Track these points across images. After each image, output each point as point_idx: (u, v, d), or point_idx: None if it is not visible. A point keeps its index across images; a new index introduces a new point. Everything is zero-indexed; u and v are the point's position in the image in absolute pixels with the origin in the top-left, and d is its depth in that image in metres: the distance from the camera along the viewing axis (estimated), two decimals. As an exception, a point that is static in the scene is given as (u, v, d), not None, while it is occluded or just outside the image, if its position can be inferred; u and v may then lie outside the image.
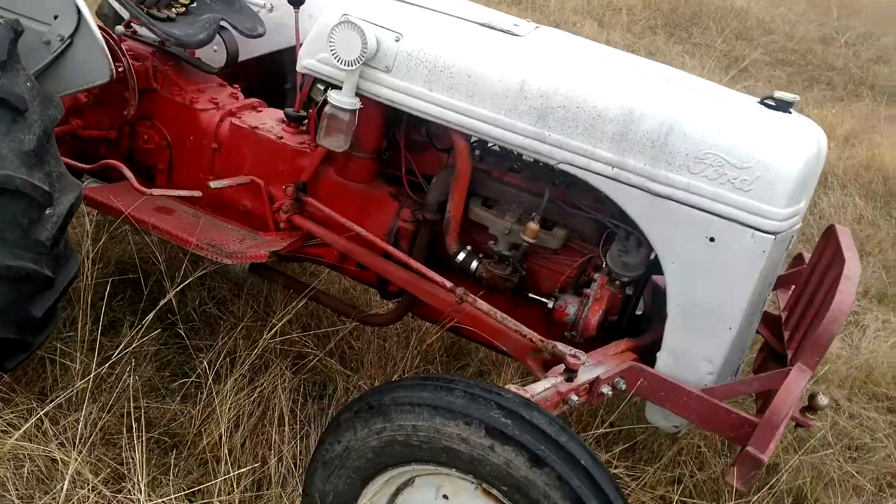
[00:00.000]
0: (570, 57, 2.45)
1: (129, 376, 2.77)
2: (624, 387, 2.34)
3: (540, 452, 1.82)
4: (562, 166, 2.36)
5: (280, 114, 3.14)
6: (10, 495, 2.33)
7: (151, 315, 2.71)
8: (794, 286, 2.83)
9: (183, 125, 3.03)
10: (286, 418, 2.70)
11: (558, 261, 2.61)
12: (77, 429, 2.50)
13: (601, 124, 2.29)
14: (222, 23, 3.05)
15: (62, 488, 2.26)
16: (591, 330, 2.48)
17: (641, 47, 8.85)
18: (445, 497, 2.04)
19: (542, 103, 2.33)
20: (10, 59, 2.28)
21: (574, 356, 2.20)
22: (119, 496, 2.36)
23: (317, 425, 2.76)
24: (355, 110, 2.49)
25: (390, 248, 2.63)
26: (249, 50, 3.30)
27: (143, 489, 2.27)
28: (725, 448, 3.09)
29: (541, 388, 2.12)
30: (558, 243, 2.56)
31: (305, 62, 2.57)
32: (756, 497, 2.73)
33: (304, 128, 2.98)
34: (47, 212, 2.32)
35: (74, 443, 2.46)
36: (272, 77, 3.59)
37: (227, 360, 2.87)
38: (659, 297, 2.57)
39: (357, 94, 2.50)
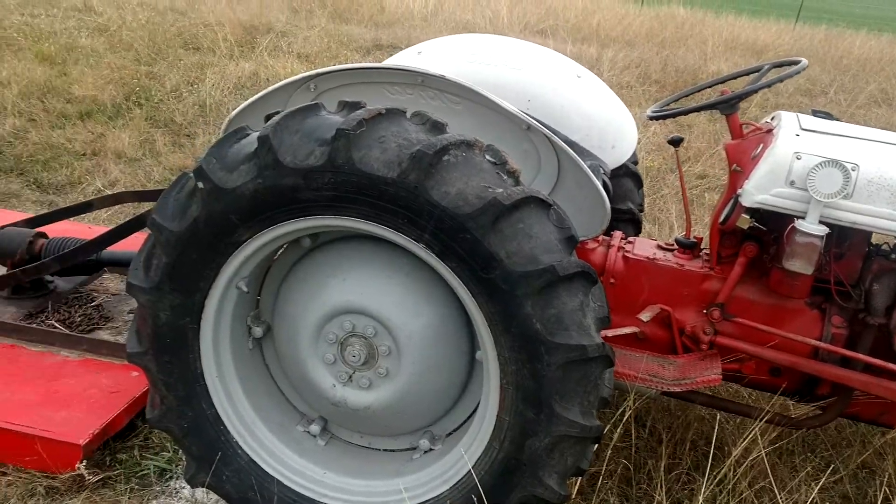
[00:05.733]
0: None
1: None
2: None
3: None
4: None
5: (647, 242, 3.38)
6: None
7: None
8: None
9: None
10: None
11: None
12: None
13: None
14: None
15: None
16: None
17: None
18: None
19: None
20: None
21: None
22: None
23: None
24: (824, 236, 2.75)
25: (858, 355, 2.86)
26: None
27: None
28: None
29: None
30: None
31: (759, 197, 2.81)
32: None
33: (699, 253, 3.23)
34: (606, 371, 2.48)
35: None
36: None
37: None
38: None
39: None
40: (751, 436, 3.10)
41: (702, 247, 3.29)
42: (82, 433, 3.11)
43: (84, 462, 3.06)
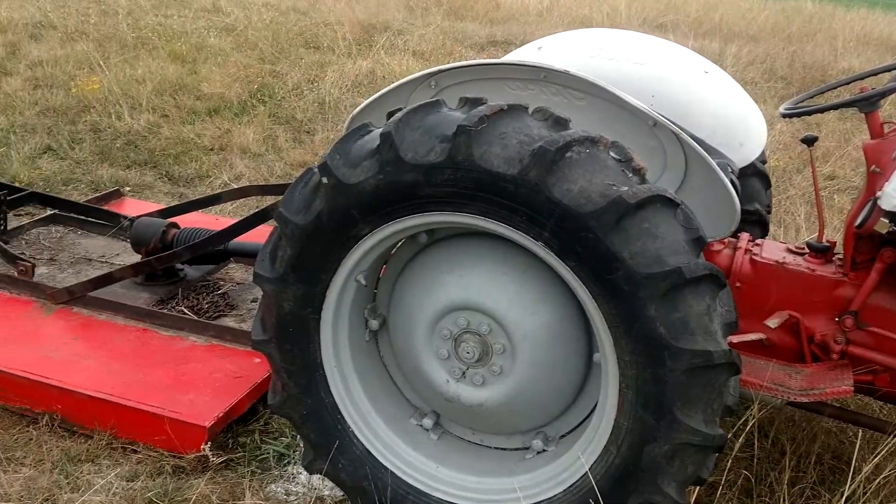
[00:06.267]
0: None
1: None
2: None
3: None
4: None
5: (776, 245, 3.23)
6: None
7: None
8: None
9: None
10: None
11: None
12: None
13: None
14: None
15: None
16: None
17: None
18: None
19: None
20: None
21: None
22: None
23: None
24: (973, 244, 2.55)
25: None
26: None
27: None
28: None
29: None
30: None
31: (899, 201, 2.65)
32: None
33: (834, 258, 3.06)
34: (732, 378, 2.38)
35: None
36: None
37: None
38: None
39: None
40: (883, 452, 2.91)
41: (835, 251, 3.11)
42: (208, 416, 3.25)
43: (209, 444, 3.20)
